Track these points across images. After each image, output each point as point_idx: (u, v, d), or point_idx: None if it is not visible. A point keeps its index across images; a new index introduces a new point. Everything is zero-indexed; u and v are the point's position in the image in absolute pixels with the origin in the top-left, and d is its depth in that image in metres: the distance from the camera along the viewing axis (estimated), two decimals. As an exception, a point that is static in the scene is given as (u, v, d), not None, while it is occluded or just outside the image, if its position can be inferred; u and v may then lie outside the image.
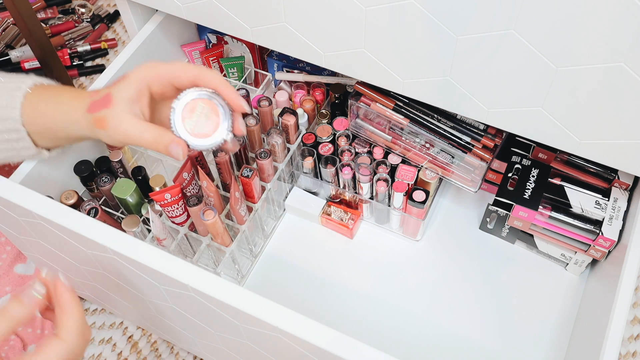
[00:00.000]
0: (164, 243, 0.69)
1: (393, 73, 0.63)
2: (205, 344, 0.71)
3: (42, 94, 0.59)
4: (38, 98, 0.59)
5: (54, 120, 0.58)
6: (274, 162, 0.77)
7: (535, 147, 0.74)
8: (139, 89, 0.55)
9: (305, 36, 0.65)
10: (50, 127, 0.59)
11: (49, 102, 0.58)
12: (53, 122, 0.58)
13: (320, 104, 0.85)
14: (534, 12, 0.49)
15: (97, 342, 0.86)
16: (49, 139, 0.61)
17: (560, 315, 0.75)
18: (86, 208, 0.68)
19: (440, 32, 0.55)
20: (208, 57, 0.91)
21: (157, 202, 0.68)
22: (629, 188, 0.70)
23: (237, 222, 0.73)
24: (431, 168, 0.75)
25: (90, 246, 0.57)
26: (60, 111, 0.58)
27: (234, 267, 0.77)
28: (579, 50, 0.50)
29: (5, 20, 1.20)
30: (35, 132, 0.60)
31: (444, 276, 0.79)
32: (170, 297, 0.59)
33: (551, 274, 0.78)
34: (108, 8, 1.29)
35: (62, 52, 1.16)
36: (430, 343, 0.74)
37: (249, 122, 0.75)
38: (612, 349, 0.56)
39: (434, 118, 0.71)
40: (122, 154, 0.73)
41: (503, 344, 0.74)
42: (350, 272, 0.80)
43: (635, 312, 0.84)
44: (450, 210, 0.85)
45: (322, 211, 0.83)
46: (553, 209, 0.71)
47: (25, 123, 0.59)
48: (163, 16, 0.84)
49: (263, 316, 0.51)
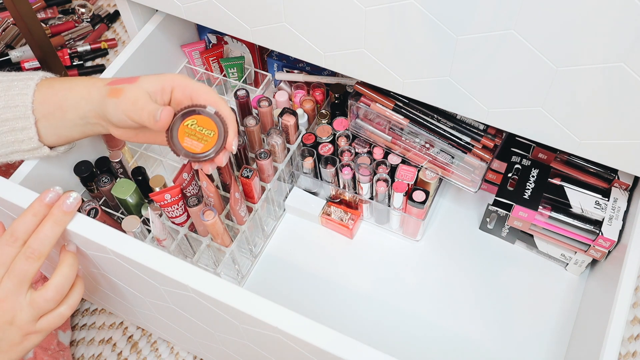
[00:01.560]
0: (164, 243, 0.69)
1: (393, 73, 0.63)
2: (205, 344, 0.71)
3: (57, 78, 0.63)
4: (53, 80, 0.63)
5: (66, 97, 0.61)
6: (274, 162, 0.77)
7: (535, 147, 0.74)
8: (165, 87, 0.59)
9: (305, 36, 0.65)
10: (60, 106, 0.61)
11: (64, 81, 0.62)
12: (65, 98, 0.61)
13: (320, 104, 0.85)
14: (534, 12, 0.49)
15: (97, 342, 0.86)
16: (54, 124, 0.62)
17: (560, 315, 0.75)
18: (86, 208, 0.68)
19: (440, 32, 0.55)
20: (208, 57, 0.91)
21: (157, 202, 0.68)
22: (629, 188, 0.70)
23: (237, 222, 0.73)
24: (431, 168, 0.75)
25: (90, 246, 0.57)
26: (76, 85, 0.61)
27: (234, 267, 0.77)
28: (579, 50, 0.50)
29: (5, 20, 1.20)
30: (43, 116, 0.61)
31: (444, 276, 0.79)
32: (170, 297, 0.59)
33: (551, 274, 0.78)
34: (108, 8, 1.29)
35: (62, 52, 1.16)
36: (430, 343, 0.74)
37: (249, 122, 0.75)
38: (612, 349, 0.56)
39: (433, 118, 0.71)
40: (122, 155, 0.73)
41: (503, 344, 0.74)
42: (350, 272, 0.80)
43: (635, 312, 0.84)
44: (450, 210, 0.85)
45: (322, 211, 0.83)
46: (553, 209, 0.71)
47: (36, 105, 0.61)
48: (163, 16, 0.84)
49: (263, 316, 0.51)
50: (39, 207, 0.55)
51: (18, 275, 0.53)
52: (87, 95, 0.60)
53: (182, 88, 0.60)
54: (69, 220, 0.56)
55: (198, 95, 0.59)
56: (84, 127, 0.62)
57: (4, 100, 0.60)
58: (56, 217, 0.55)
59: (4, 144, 0.62)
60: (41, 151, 0.63)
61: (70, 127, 0.62)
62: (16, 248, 0.53)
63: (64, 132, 0.63)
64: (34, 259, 0.53)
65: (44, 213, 0.55)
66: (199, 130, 0.58)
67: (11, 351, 0.54)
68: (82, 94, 0.60)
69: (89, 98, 0.60)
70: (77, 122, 0.62)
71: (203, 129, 0.58)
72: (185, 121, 0.58)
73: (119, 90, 0.58)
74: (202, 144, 0.58)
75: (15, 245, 0.53)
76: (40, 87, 0.61)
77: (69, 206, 0.55)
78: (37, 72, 0.63)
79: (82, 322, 0.88)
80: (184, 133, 0.58)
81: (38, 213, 0.55)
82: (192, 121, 0.58)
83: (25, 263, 0.53)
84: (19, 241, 0.53)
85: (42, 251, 0.53)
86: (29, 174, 0.67)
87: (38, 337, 0.55)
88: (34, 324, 0.54)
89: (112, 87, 0.59)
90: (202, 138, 0.58)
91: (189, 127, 0.58)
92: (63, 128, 0.62)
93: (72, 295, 0.57)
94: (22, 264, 0.53)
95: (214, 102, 0.59)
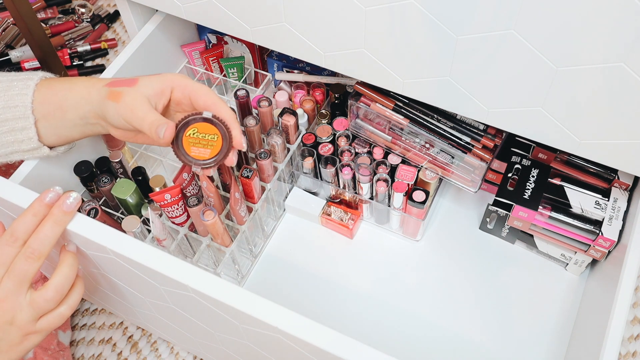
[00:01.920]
0: (164, 243, 0.69)
1: (393, 73, 0.63)
2: (205, 344, 0.71)
3: (57, 79, 0.63)
4: (53, 80, 0.63)
5: (65, 97, 0.61)
6: (274, 162, 0.77)
7: (535, 147, 0.74)
8: (164, 88, 0.59)
9: (305, 36, 0.65)
10: (60, 106, 0.61)
11: (64, 81, 0.62)
12: (65, 98, 0.61)
13: (320, 104, 0.85)
14: (534, 12, 0.49)
15: (97, 342, 0.86)
16: (54, 124, 0.62)
17: (560, 315, 0.75)
18: (86, 208, 0.68)
19: (440, 32, 0.55)
20: (208, 57, 0.91)
21: (157, 202, 0.68)
22: (629, 188, 0.70)
23: (237, 222, 0.73)
24: (431, 168, 0.75)
25: (90, 246, 0.57)
26: (75, 85, 0.61)
27: (234, 267, 0.77)
28: (579, 50, 0.50)
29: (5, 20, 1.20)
30: (43, 116, 0.61)
31: (444, 276, 0.79)
32: (170, 297, 0.59)
33: (551, 274, 0.78)
34: (108, 8, 1.29)
35: (62, 52, 1.16)
36: (430, 343, 0.74)
37: (249, 122, 0.75)
38: (612, 349, 0.56)
39: (433, 118, 0.71)
40: (122, 155, 0.73)
41: (503, 344, 0.74)
42: (350, 272, 0.80)
43: (635, 312, 0.84)
44: (450, 210, 0.85)
45: (322, 211, 0.83)
46: (553, 209, 0.71)
47: (36, 105, 0.61)
48: (163, 16, 0.84)
49: (263, 316, 0.51)
50: (38, 207, 0.55)
51: (18, 275, 0.53)
52: (87, 96, 0.60)
53: (182, 88, 0.60)
54: (69, 220, 0.56)
55: (197, 97, 0.59)
56: (84, 127, 0.62)
57: (3, 100, 0.60)
58: (56, 217, 0.55)
59: (4, 144, 0.62)
60: (41, 151, 0.63)
61: (70, 127, 0.62)
62: (16, 248, 0.53)
63: (64, 132, 0.63)
64: (33, 259, 0.53)
65: (44, 213, 0.55)
66: (203, 137, 0.59)
67: (11, 351, 0.54)
68: (82, 94, 0.60)
69: (89, 98, 0.60)
70: (77, 122, 0.62)
71: (206, 135, 0.59)
72: (186, 132, 0.59)
73: (118, 94, 0.58)
74: (209, 149, 0.59)
75: (15, 245, 0.53)
76: (40, 87, 0.61)
77: (69, 206, 0.55)
78: (36, 72, 0.63)
79: (82, 322, 0.88)
80: (188, 144, 0.59)
81: (38, 213, 0.55)
82: (192, 130, 0.59)
83: (25, 263, 0.53)
84: (19, 241, 0.53)
85: (42, 251, 0.53)
86: (29, 174, 0.67)
87: (38, 337, 0.55)
88: (33, 324, 0.54)
89: (111, 89, 0.59)
90: (207, 144, 0.59)
91: (192, 137, 0.59)
92: (63, 128, 0.62)
93: (72, 296, 0.57)
94: (22, 264, 0.53)
95: (212, 103, 0.59)
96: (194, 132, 0.59)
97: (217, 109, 0.59)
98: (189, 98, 0.60)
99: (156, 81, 0.59)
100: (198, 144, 0.59)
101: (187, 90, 0.60)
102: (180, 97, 0.60)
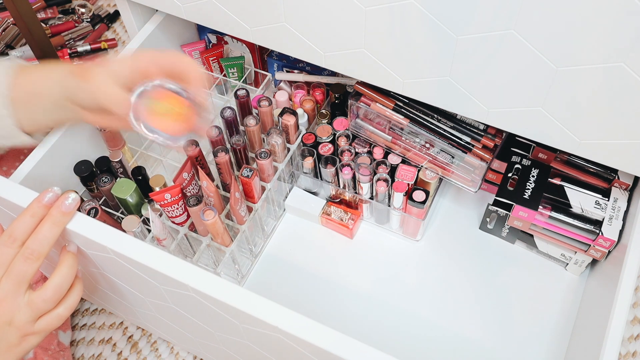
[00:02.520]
0: (164, 243, 0.69)
1: (393, 73, 0.63)
2: (205, 344, 0.71)
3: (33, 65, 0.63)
4: (29, 67, 0.62)
5: (42, 83, 0.60)
6: (274, 162, 0.77)
7: (535, 147, 0.74)
8: (139, 66, 0.58)
9: (305, 36, 0.65)
10: (35, 92, 0.60)
11: (40, 67, 0.62)
12: (41, 85, 0.60)
13: (320, 104, 0.85)
14: (534, 12, 0.49)
15: (97, 342, 0.86)
16: (30, 110, 0.61)
17: (560, 315, 0.75)
18: (86, 208, 0.68)
19: (440, 32, 0.55)
20: (208, 57, 0.91)
21: (157, 202, 0.68)
22: (629, 188, 0.70)
23: (237, 222, 0.73)
24: (431, 168, 0.75)
25: (90, 246, 0.57)
26: (51, 72, 0.60)
27: (234, 267, 0.77)
28: (579, 50, 0.50)
29: (5, 20, 1.20)
30: (19, 102, 0.60)
31: (444, 276, 0.79)
32: (170, 297, 0.59)
33: (551, 274, 0.78)
34: (108, 8, 1.29)
35: (62, 52, 1.16)
36: (430, 343, 0.74)
37: (249, 122, 0.75)
38: (612, 349, 0.56)
39: (434, 118, 0.71)
40: (122, 154, 0.73)
41: (503, 344, 0.74)
42: (350, 272, 0.80)
43: (635, 312, 0.84)
44: (450, 210, 0.85)
45: (322, 211, 0.83)
46: (553, 209, 0.71)
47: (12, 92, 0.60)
48: (163, 16, 0.84)
49: (263, 316, 0.51)
50: (37, 208, 0.55)
51: (17, 276, 0.53)
52: (61, 80, 0.60)
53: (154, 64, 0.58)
54: (67, 220, 0.56)
55: (172, 64, 0.58)
56: (59, 113, 0.62)
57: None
58: (55, 218, 0.55)
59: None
60: (20, 138, 0.63)
61: (45, 113, 0.62)
62: (15, 249, 0.53)
63: (40, 118, 0.62)
64: (32, 260, 0.53)
65: (42, 214, 0.55)
66: (168, 110, 0.57)
67: (10, 352, 0.54)
68: (58, 79, 0.60)
69: (63, 83, 0.59)
70: (52, 109, 0.61)
71: (171, 107, 0.56)
72: (151, 107, 0.56)
73: (86, 72, 0.57)
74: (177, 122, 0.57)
75: (14, 246, 0.53)
76: (16, 73, 0.61)
77: (68, 207, 0.55)
78: (11, 58, 0.62)
79: (82, 322, 0.88)
80: (155, 119, 0.56)
81: (36, 214, 0.55)
82: (155, 102, 0.56)
83: (24, 264, 0.53)
84: (18, 242, 0.53)
85: (41, 252, 0.53)
86: (29, 174, 0.67)
87: (36, 338, 0.55)
88: (32, 324, 0.54)
89: (82, 67, 0.58)
90: (174, 115, 0.56)
91: (157, 110, 0.56)
92: (39, 114, 0.62)
93: (70, 296, 0.57)
94: (21, 265, 0.53)
95: (182, 62, 0.57)
96: (156, 104, 0.56)
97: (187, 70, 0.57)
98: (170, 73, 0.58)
99: (130, 60, 0.58)
100: (165, 116, 0.56)
101: (160, 62, 0.58)
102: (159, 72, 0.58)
